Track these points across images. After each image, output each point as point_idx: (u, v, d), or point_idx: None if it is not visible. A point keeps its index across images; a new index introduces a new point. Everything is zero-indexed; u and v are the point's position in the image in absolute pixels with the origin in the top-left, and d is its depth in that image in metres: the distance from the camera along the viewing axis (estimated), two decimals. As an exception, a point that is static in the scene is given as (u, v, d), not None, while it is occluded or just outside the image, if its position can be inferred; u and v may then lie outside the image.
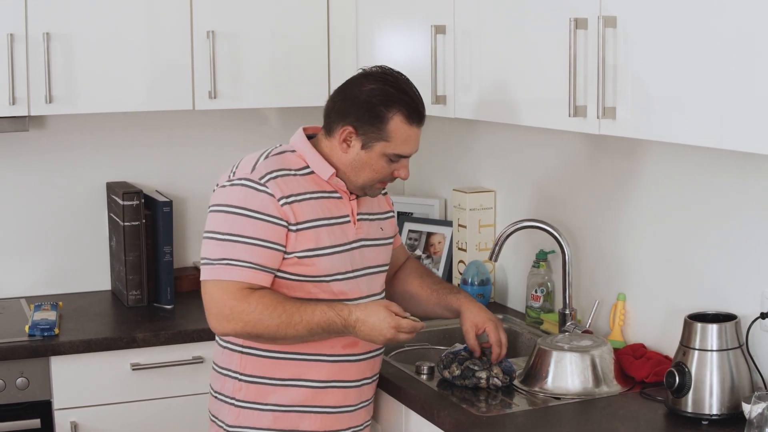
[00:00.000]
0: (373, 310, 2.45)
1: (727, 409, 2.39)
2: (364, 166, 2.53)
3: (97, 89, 3.37)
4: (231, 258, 2.43)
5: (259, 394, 2.54)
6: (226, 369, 2.59)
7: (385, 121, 2.49)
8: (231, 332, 2.46)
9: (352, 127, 2.51)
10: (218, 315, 2.45)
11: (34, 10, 3.26)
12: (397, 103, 2.50)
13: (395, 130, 2.50)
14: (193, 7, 3.44)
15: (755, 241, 2.50)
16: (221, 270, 2.44)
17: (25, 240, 3.68)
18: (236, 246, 2.44)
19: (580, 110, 2.43)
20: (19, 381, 3.12)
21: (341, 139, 2.53)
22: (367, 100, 2.50)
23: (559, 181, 3.19)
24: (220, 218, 2.48)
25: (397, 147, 2.52)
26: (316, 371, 2.54)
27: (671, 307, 2.74)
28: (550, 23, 2.53)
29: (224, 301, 2.43)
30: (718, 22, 2.06)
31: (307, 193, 2.51)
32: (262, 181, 2.46)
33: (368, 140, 2.51)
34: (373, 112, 2.49)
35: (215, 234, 2.47)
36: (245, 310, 2.41)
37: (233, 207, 2.46)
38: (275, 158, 2.53)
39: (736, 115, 2.04)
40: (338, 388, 2.57)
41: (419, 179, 4.01)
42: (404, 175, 2.58)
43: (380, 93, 2.50)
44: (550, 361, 2.65)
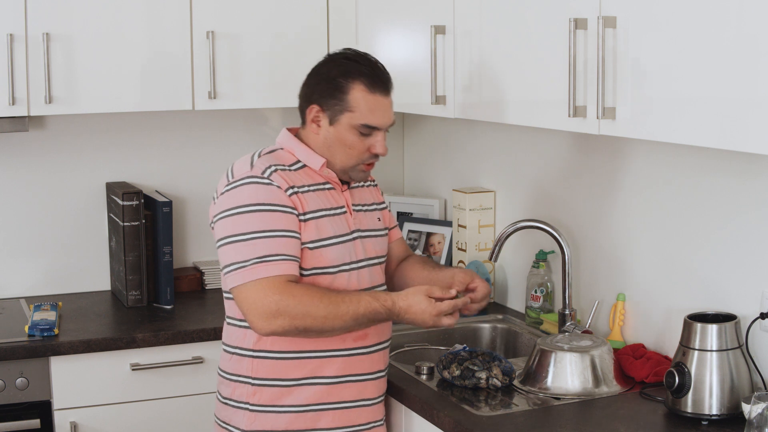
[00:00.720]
0: (415, 300, 2.45)
1: (726, 410, 2.39)
2: (336, 142, 2.53)
3: (96, 89, 3.37)
4: (265, 255, 2.40)
5: (274, 396, 2.52)
6: (235, 375, 2.56)
7: (345, 91, 2.50)
8: (279, 329, 2.40)
9: (318, 105, 2.53)
10: (265, 314, 2.38)
11: (34, 10, 3.26)
12: (356, 72, 2.51)
13: (358, 99, 2.50)
14: (193, 7, 3.44)
15: (755, 242, 2.50)
16: (258, 269, 2.39)
17: (24, 240, 3.68)
18: (266, 242, 2.41)
19: (580, 110, 2.43)
20: (18, 381, 3.12)
21: (310, 120, 2.54)
22: (326, 74, 2.53)
23: (558, 182, 3.19)
24: (238, 220, 2.44)
25: (364, 117, 2.51)
26: (330, 367, 2.53)
27: (671, 308, 2.74)
28: (550, 23, 2.53)
29: (269, 298, 2.38)
30: (718, 22, 2.06)
31: (305, 185, 2.51)
32: (266, 175, 2.46)
33: (334, 114, 2.52)
34: (333, 84, 2.51)
35: (238, 236, 2.43)
36: (291, 303, 2.38)
37: (247, 205, 2.44)
38: (268, 156, 2.54)
39: (735, 116, 2.04)
40: (354, 382, 2.57)
41: (419, 179, 4.01)
42: (381, 150, 2.54)
43: (339, 66, 2.53)
44: (549, 361, 2.65)
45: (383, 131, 2.55)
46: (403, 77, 3.26)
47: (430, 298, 2.45)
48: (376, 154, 2.56)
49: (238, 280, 2.41)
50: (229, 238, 2.44)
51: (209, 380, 3.03)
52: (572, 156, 3.13)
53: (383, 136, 2.56)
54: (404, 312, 2.45)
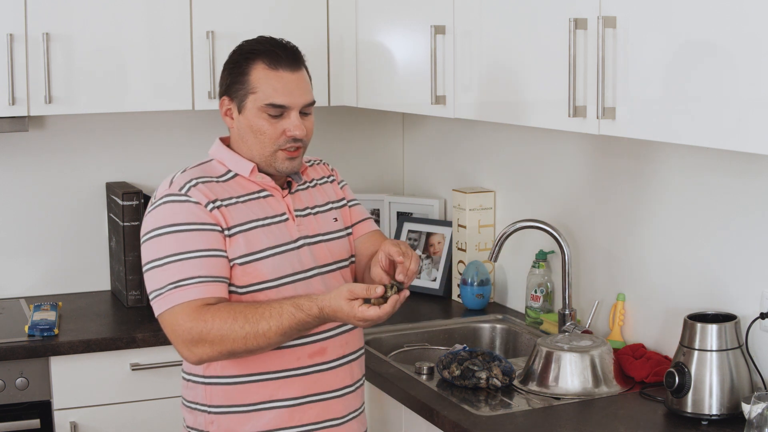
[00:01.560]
0: (337, 305, 2.19)
1: (726, 410, 2.39)
2: (247, 131, 2.35)
3: (96, 89, 3.37)
4: (177, 280, 2.24)
5: (232, 424, 2.36)
6: (193, 403, 2.41)
7: (246, 72, 2.34)
8: (205, 357, 2.24)
9: (226, 96, 2.39)
10: (184, 343, 2.23)
11: (34, 10, 3.26)
12: (254, 52, 2.35)
13: (259, 79, 2.33)
14: (193, 7, 3.44)
15: (755, 242, 2.50)
16: (172, 296, 2.24)
17: (24, 240, 3.68)
18: (179, 265, 2.25)
19: (580, 110, 2.43)
20: (18, 381, 3.12)
21: (223, 114, 2.40)
22: (228, 61, 2.40)
23: (558, 182, 3.19)
24: (154, 244, 2.28)
25: (267, 96, 2.31)
26: (288, 389, 2.35)
27: (671, 308, 2.74)
28: (550, 23, 2.53)
29: (184, 327, 2.22)
30: (718, 21, 2.06)
31: (234, 197, 2.34)
32: (183, 191, 2.30)
33: (240, 100, 2.35)
34: (234, 69, 2.36)
35: (154, 262, 2.28)
36: (204, 329, 2.21)
37: (162, 228, 2.28)
38: (193, 170, 2.39)
39: (735, 116, 2.04)
40: (317, 402, 2.38)
41: (419, 179, 4.01)
42: (296, 131, 2.33)
43: (239, 49, 2.39)
44: (549, 361, 2.65)
45: (295, 111, 2.34)
46: (402, 77, 3.27)
47: (351, 302, 2.17)
48: (293, 137, 2.34)
49: (158, 309, 2.27)
50: (147, 265, 2.30)
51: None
52: (572, 156, 3.13)
53: (297, 116, 2.34)
54: (333, 316, 2.20)
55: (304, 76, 2.39)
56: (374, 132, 4.08)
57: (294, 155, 2.37)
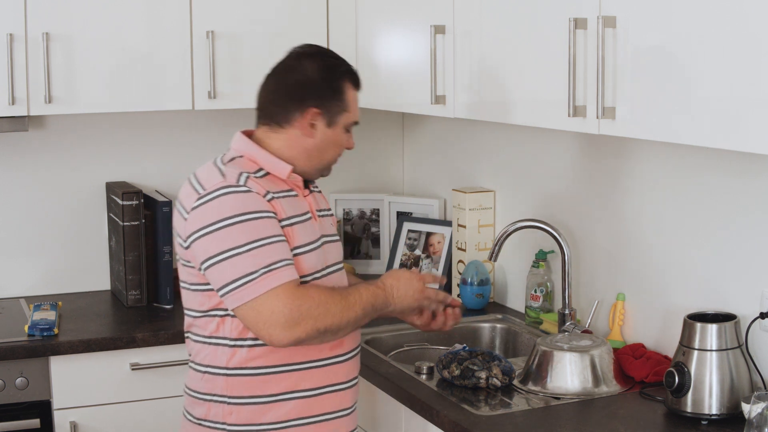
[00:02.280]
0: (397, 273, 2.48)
1: (726, 409, 2.39)
2: (330, 144, 2.48)
3: (96, 89, 3.37)
4: (271, 263, 2.29)
5: (252, 414, 2.41)
6: (209, 394, 2.43)
7: (342, 91, 2.47)
8: (303, 335, 2.29)
9: (316, 108, 2.44)
10: (288, 323, 2.28)
11: (34, 10, 3.26)
12: (344, 73, 2.49)
13: (350, 98, 2.49)
14: (193, 7, 3.44)
15: (755, 241, 2.50)
16: (269, 278, 2.28)
17: (24, 240, 3.68)
18: (268, 249, 2.29)
19: (580, 110, 2.43)
20: (18, 381, 3.12)
21: (306, 123, 2.44)
22: (321, 77, 2.46)
23: (558, 181, 3.19)
24: (227, 233, 2.30)
25: (354, 114, 2.51)
26: (309, 380, 2.43)
27: (671, 307, 2.74)
28: (550, 23, 2.53)
29: (289, 306, 2.27)
30: (717, 21, 2.06)
31: (275, 191, 2.40)
32: (241, 183, 2.34)
33: (332, 116, 2.46)
34: (332, 87, 2.46)
35: (234, 250, 2.29)
36: (311, 305, 2.30)
37: (232, 217, 2.30)
38: (232, 164, 2.41)
39: (735, 115, 2.04)
40: (332, 393, 2.47)
41: (419, 179, 4.01)
42: (353, 144, 2.55)
43: (329, 68, 2.48)
44: (549, 361, 2.65)
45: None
46: (402, 77, 3.27)
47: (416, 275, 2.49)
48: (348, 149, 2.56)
49: (250, 295, 2.28)
50: (223, 254, 2.30)
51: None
52: (572, 156, 3.13)
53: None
54: (395, 288, 2.44)
55: None
56: (374, 132, 4.08)
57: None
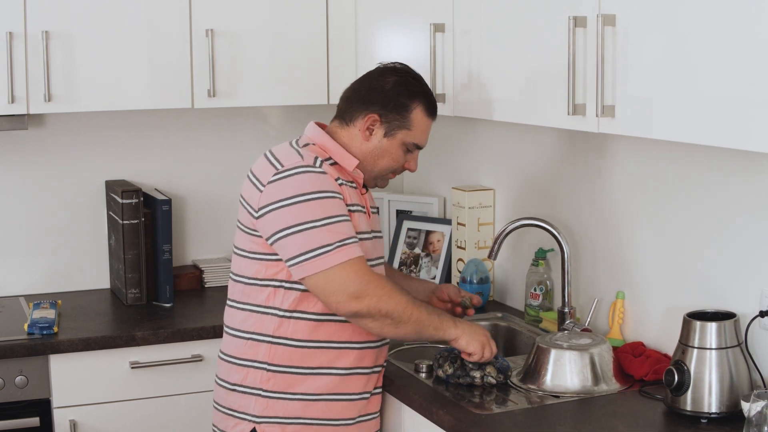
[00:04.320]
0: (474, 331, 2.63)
1: (726, 408, 2.39)
2: (384, 153, 2.66)
3: (96, 88, 3.36)
4: (344, 238, 2.47)
5: (287, 383, 2.57)
6: (249, 360, 2.60)
7: (409, 110, 2.65)
8: (364, 309, 2.47)
9: (377, 115, 2.64)
10: (354, 294, 2.46)
11: (33, 8, 3.26)
12: (419, 95, 2.66)
13: (416, 120, 2.66)
14: (192, 5, 3.44)
15: (754, 240, 2.50)
16: (343, 251, 2.46)
17: (24, 238, 3.68)
18: (340, 226, 2.48)
19: (579, 108, 2.43)
20: (18, 379, 3.12)
21: (365, 126, 2.65)
22: (393, 90, 2.65)
23: (558, 180, 3.19)
24: (304, 207, 2.47)
25: (417, 136, 2.68)
26: (344, 358, 2.60)
27: (670, 306, 2.74)
28: (550, 22, 2.53)
29: (359, 278, 2.46)
30: (717, 19, 2.06)
31: (341, 179, 2.58)
32: (317, 165, 2.52)
33: (391, 128, 2.65)
34: (398, 101, 2.64)
35: (311, 223, 2.46)
36: (378, 285, 2.47)
37: (312, 193, 2.48)
38: (306, 149, 2.59)
39: (735, 114, 2.04)
40: (361, 375, 2.63)
41: (418, 178, 4.01)
42: (414, 167, 2.73)
43: (404, 84, 2.66)
44: (549, 359, 2.65)
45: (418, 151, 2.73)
46: (402, 75, 3.26)
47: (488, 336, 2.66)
48: (407, 169, 2.73)
49: (323, 265, 2.45)
50: (298, 227, 2.47)
51: (209, 378, 3.03)
52: (572, 154, 3.13)
53: (417, 154, 2.74)
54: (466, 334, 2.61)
55: None
56: (374, 130, 4.08)
57: (393, 178, 2.76)
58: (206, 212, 3.85)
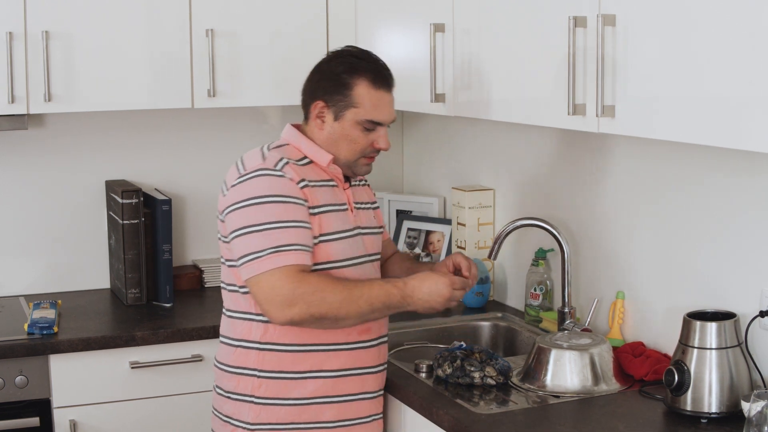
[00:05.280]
0: (425, 276, 2.51)
1: (726, 408, 2.39)
2: (341, 138, 2.58)
3: (96, 88, 3.36)
4: (280, 245, 2.43)
5: (279, 389, 2.56)
6: (240, 368, 2.59)
7: (350, 87, 2.56)
8: (297, 317, 2.43)
9: (322, 101, 2.58)
10: (282, 302, 2.42)
11: (33, 8, 3.26)
12: (359, 69, 2.57)
13: (362, 95, 2.56)
14: (192, 5, 3.44)
15: (754, 240, 2.50)
16: (274, 258, 2.43)
17: (24, 238, 3.68)
18: (280, 232, 2.44)
19: (579, 108, 2.43)
20: (18, 379, 3.12)
21: (315, 115, 2.60)
22: (331, 70, 2.59)
23: (558, 180, 3.19)
24: (252, 211, 2.47)
25: (368, 113, 2.57)
26: (335, 360, 2.57)
27: (670, 306, 2.74)
28: (550, 21, 2.53)
29: (286, 287, 2.41)
30: (717, 19, 2.06)
31: (313, 180, 2.55)
32: (278, 168, 2.50)
33: (339, 110, 2.57)
34: (338, 81, 2.57)
35: (254, 227, 2.46)
36: (307, 291, 2.41)
37: (262, 197, 2.47)
38: (277, 150, 2.57)
39: (735, 114, 2.04)
40: (356, 376, 2.61)
41: (418, 177, 4.01)
42: (383, 145, 2.61)
43: (343, 62, 2.59)
44: (549, 359, 2.65)
45: (386, 127, 2.61)
46: (402, 75, 3.25)
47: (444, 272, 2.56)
48: (378, 149, 2.62)
49: (257, 269, 2.44)
50: (244, 229, 2.47)
51: (209, 378, 3.03)
52: (572, 154, 3.13)
53: (386, 131, 2.62)
54: (417, 289, 2.49)
55: (393, 97, 2.65)
56: (374, 130, 4.08)
57: (371, 161, 2.65)
58: (206, 212, 3.85)
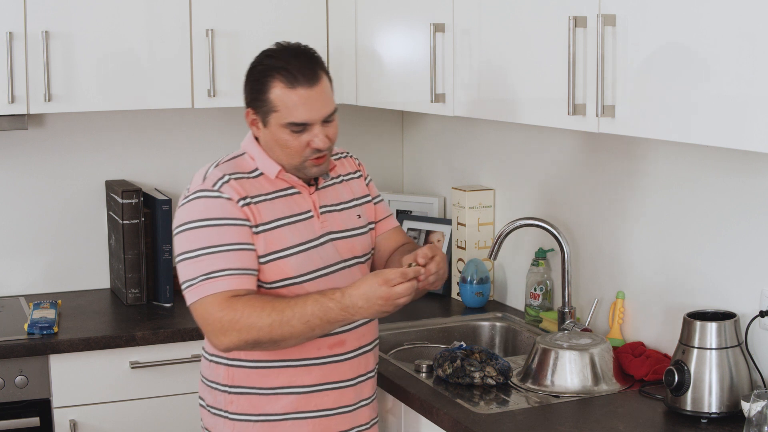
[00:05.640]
0: (361, 280, 2.31)
1: (726, 408, 2.39)
2: (274, 144, 2.43)
3: (95, 87, 3.37)
4: (210, 271, 2.34)
5: (251, 405, 2.47)
6: (213, 382, 2.52)
7: (265, 91, 2.39)
8: (232, 345, 2.34)
9: (251, 108, 2.46)
10: (214, 332, 2.34)
11: (33, 8, 3.26)
12: (271, 70, 2.39)
13: (278, 98, 2.38)
14: (192, 5, 3.44)
15: (754, 240, 2.50)
16: (204, 286, 2.34)
17: (24, 238, 3.68)
18: (212, 258, 2.35)
19: (579, 108, 2.43)
20: (18, 379, 3.12)
21: (249, 123, 2.48)
22: (250, 74, 2.45)
23: (558, 180, 3.19)
24: (187, 236, 2.38)
25: (289, 115, 2.38)
26: (306, 376, 2.47)
27: (670, 306, 2.74)
28: (550, 21, 2.53)
29: (214, 315, 2.33)
30: (717, 19, 2.06)
31: (263, 194, 2.43)
32: (216, 187, 2.39)
33: (264, 116, 2.42)
34: (255, 86, 2.43)
35: (187, 254, 2.37)
36: (234, 318, 2.31)
37: (196, 221, 2.38)
38: (226, 164, 2.46)
39: (735, 113, 2.04)
40: (332, 390, 2.50)
41: (418, 177, 4.01)
42: (320, 144, 2.39)
43: (258, 64, 2.43)
44: (549, 359, 2.65)
45: (317, 124, 2.40)
46: (402, 75, 3.27)
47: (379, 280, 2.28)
48: (319, 149, 2.41)
49: (189, 299, 2.37)
50: (180, 256, 2.39)
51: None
52: (572, 154, 3.13)
53: (319, 128, 2.40)
54: (355, 296, 2.29)
55: (323, 87, 2.41)
56: (373, 130, 4.08)
57: (320, 162, 2.45)
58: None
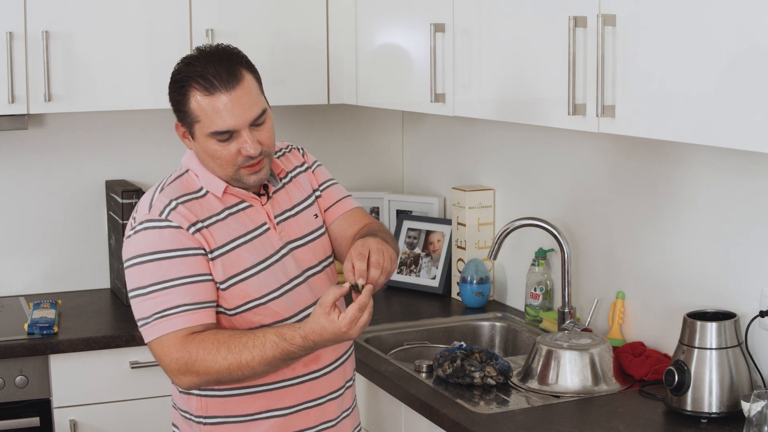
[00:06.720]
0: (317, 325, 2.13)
1: (726, 408, 2.39)
2: (205, 156, 2.26)
3: (96, 87, 3.37)
4: (163, 309, 2.20)
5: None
6: (186, 412, 2.39)
7: (184, 102, 2.24)
8: (193, 385, 2.22)
9: (178, 123, 2.31)
10: (173, 372, 2.21)
11: (33, 8, 3.26)
12: (187, 78, 2.23)
13: (197, 108, 2.21)
14: (192, 5, 3.44)
15: (754, 240, 2.50)
16: (158, 325, 2.20)
17: (24, 238, 3.68)
18: (165, 294, 2.20)
19: (580, 108, 2.43)
20: (18, 379, 3.12)
21: (181, 137, 2.32)
22: (170, 88, 2.29)
23: (558, 180, 3.19)
24: (138, 271, 2.23)
25: (211, 124, 2.21)
26: (285, 398, 2.33)
27: (670, 306, 2.74)
28: (550, 21, 2.53)
29: (171, 356, 2.19)
30: (717, 20, 2.06)
31: (214, 215, 2.28)
32: (163, 216, 2.23)
33: (189, 128, 2.27)
34: (175, 98, 2.27)
35: (139, 290, 2.23)
36: (189, 359, 2.18)
37: (145, 255, 2.22)
38: (171, 187, 2.30)
39: (735, 113, 2.04)
40: (313, 408, 2.37)
41: (418, 177, 4.01)
42: (251, 151, 2.22)
43: (175, 75, 2.28)
44: (549, 359, 2.65)
45: (244, 130, 2.23)
46: (402, 75, 3.27)
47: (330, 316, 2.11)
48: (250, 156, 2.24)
49: (146, 338, 2.24)
50: (132, 292, 2.25)
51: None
52: (572, 154, 3.13)
53: (247, 134, 2.23)
54: (320, 339, 2.14)
55: (246, 89, 2.23)
56: (374, 130, 4.08)
57: (257, 169, 2.28)
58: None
